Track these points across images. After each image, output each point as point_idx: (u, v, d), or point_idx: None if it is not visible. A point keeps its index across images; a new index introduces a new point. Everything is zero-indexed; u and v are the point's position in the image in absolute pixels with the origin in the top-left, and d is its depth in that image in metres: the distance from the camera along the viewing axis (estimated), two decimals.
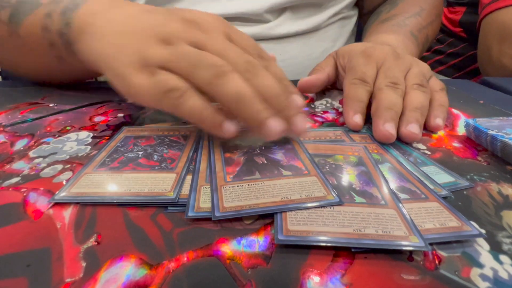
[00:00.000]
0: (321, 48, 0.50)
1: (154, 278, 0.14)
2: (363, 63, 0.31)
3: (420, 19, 0.49)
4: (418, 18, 0.49)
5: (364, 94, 0.29)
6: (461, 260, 0.15)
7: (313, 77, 0.36)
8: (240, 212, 0.17)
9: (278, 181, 0.20)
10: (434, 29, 0.52)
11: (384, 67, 0.31)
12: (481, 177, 0.22)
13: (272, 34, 0.46)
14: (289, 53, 0.48)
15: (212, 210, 0.17)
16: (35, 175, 0.21)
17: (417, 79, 0.30)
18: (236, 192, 0.19)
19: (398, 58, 0.32)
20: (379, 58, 0.31)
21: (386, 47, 0.33)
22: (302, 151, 0.23)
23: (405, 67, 0.31)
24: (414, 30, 0.47)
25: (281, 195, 0.18)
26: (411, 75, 0.30)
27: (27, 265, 0.15)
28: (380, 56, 0.32)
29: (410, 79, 0.30)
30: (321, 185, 0.19)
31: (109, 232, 0.17)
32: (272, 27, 0.46)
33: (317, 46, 0.50)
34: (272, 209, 0.17)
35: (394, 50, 0.33)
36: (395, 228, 0.17)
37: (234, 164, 0.22)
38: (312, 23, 0.48)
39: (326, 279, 0.14)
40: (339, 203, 0.18)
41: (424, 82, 0.30)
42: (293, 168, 0.21)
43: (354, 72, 0.31)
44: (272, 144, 0.24)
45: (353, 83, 0.30)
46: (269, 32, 0.46)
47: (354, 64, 0.32)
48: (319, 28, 0.49)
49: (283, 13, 0.47)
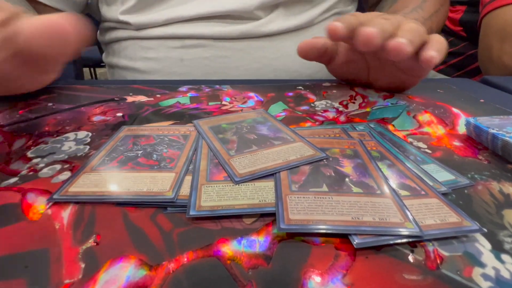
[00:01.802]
0: None
1: (154, 279, 0.14)
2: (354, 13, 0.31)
3: (422, 13, 0.48)
4: (419, 11, 0.48)
5: (352, 19, 0.29)
6: (463, 260, 0.15)
7: (312, 39, 0.36)
8: (306, 227, 0.16)
9: (347, 198, 0.19)
10: (440, 18, 0.51)
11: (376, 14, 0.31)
12: (482, 176, 0.22)
13: (264, 32, 0.46)
14: (282, 50, 0.47)
15: (278, 221, 0.17)
16: (33, 175, 0.21)
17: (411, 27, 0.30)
18: (302, 203, 0.18)
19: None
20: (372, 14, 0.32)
21: None
22: (373, 167, 0.22)
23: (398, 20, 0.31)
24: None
25: (352, 214, 0.17)
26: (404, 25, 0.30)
27: (25, 266, 0.14)
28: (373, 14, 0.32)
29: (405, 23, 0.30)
30: (397, 209, 0.18)
31: (109, 233, 0.16)
32: (264, 24, 0.45)
33: None
34: (342, 229, 0.16)
35: None
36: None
37: (300, 173, 0.21)
38: (304, 18, 0.47)
39: (327, 279, 0.14)
40: (420, 236, 0.16)
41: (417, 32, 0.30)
42: (363, 185, 0.20)
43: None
44: (341, 156, 0.23)
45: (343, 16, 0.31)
46: (260, 29, 0.45)
47: None
48: (313, 24, 0.48)
49: (275, 10, 0.46)
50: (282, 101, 0.35)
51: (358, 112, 0.33)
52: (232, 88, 0.39)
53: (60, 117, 0.30)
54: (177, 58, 0.46)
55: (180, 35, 0.45)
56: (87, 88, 0.38)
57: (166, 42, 0.45)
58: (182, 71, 0.47)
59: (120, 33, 0.48)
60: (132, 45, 0.47)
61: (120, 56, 0.49)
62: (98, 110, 0.32)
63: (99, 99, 0.35)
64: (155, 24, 0.45)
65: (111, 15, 0.47)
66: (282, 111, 0.33)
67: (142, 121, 0.30)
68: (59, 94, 0.36)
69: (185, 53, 0.46)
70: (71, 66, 0.87)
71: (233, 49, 0.46)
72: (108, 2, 0.47)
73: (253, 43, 0.46)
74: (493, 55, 0.57)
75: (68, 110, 0.32)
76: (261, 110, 0.32)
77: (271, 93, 0.38)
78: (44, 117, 0.30)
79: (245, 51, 0.46)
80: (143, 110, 0.32)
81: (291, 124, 0.29)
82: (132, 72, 0.49)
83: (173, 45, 0.45)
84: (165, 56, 0.46)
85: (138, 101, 0.34)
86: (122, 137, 0.26)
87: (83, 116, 0.30)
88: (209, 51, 0.45)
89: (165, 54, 0.46)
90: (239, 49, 0.46)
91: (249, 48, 0.46)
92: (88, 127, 0.28)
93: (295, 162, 0.22)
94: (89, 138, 0.26)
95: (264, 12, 0.46)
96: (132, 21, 0.45)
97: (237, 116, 0.30)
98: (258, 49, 0.46)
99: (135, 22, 0.45)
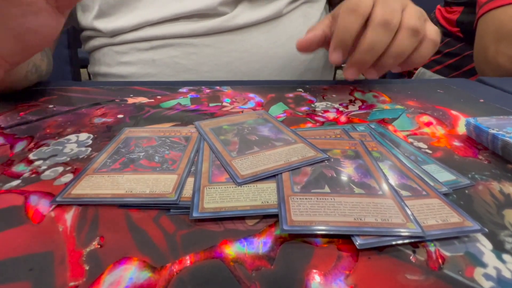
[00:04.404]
0: (287, 35, 0.49)
1: (158, 281, 0.14)
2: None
3: None
4: None
5: (354, 25, 0.30)
6: (465, 260, 0.15)
7: (309, 35, 0.36)
8: (309, 228, 0.16)
9: (350, 199, 0.19)
10: None
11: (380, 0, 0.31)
12: (483, 176, 0.22)
13: (231, 26, 0.46)
14: (251, 43, 0.47)
15: (280, 222, 0.17)
16: (35, 177, 0.21)
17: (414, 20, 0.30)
18: (304, 205, 0.18)
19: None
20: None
21: None
22: (375, 168, 0.22)
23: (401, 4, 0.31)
24: None
25: (354, 215, 0.17)
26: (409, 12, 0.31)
27: (30, 269, 0.14)
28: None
29: (408, 17, 0.30)
30: (399, 210, 0.18)
31: (112, 235, 0.16)
32: (230, 19, 0.45)
33: (281, 33, 0.49)
34: (345, 230, 0.16)
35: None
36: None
37: (301, 174, 0.21)
38: (271, 10, 0.47)
39: (330, 280, 0.14)
40: (422, 236, 0.16)
41: (420, 24, 0.31)
42: (365, 186, 0.20)
43: (349, 2, 0.31)
44: (342, 157, 0.23)
45: (346, 11, 0.31)
46: (227, 24, 0.45)
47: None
48: (281, 14, 0.48)
49: (239, 4, 0.46)
50: (283, 102, 0.35)
51: (358, 113, 0.33)
52: (233, 89, 0.39)
53: (61, 119, 0.30)
54: (149, 59, 0.47)
55: (150, 37, 0.46)
56: (88, 90, 0.38)
57: (137, 45, 0.47)
58: (155, 71, 0.47)
59: (96, 41, 0.49)
60: (108, 51, 0.49)
61: (100, 64, 0.51)
62: (99, 112, 0.32)
63: (99, 101, 0.35)
64: (125, 30, 0.46)
65: (85, 22, 0.48)
66: (282, 112, 0.33)
67: (143, 122, 0.30)
68: (60, 96, 0.36)
69: (156, 54, 0.47)
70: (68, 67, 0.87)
71: (201, 45, 0.46)
72: (83, 9, 0.48)
73: (221, 37, 0.46)
74: (489, 55, 0.57)
75: (69, 112, 0.32)
76: (262, 111, 0.32)
77: (271, 94, 0.38)
78: (45, 119, 0.30)
79: (213, 46, 0.46)
80: (144, 112, 0.32)
81: (291, 125, 0.29)
82: (111, 78, 0.50)
83: (143, 47, 0.47)
84: (137, 59, 0.47)
85: (139, 103, 0.34)
86: (123, 139, 0.26)
87: (84, 118, 0.30)
88: (178, 49, 0.46)
89: (137, 57, 0.47)
90: (207, 44, 0.46)
91: (217, 42, 0.46)
92: (89, 129, 0.28)
93: (297, 163, 0.22)
94: (90, 140, 0.26)
95: (228, 7, 0.46)
96: (103, 27, 0.46)
97: (238, 118, 0.30)
98: (227, 43, 0.46)
99: (106, 29, 0.46)
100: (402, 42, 0.30)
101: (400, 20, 0.30)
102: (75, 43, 0.90)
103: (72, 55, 0.88)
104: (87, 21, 0.47)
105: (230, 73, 0.48)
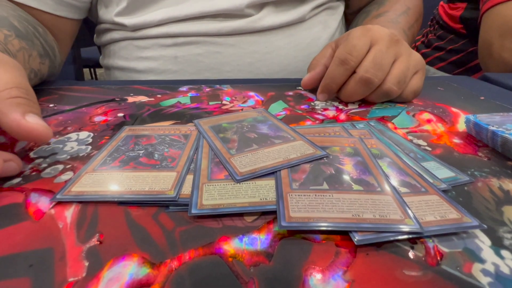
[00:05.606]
0: (308, 39, 0.50)
1: (157, 277, 0.14)
2: (358, 36, 0.32)
3: (408, 18, 0.49)
4: (406, 16, 0.49)
5: (342, 77, 0.33)
6: (463, 256, 0.15)
7: (312, 73, 0.37)
8: (307, 224, 0.16)
9: (348, 196, 0.19)
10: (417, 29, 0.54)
11: (375, 48, 0.32)
12: (482, 173, 0.22)
13: (256, 27, 0.46)
14: (274, 45, 0.48)
15: (279, 219, 0.17)
16: (36, 175, 0.21)
17: (396, 79, 0.32)
18: (302, 201, 0.18)
19: (392, 42, 0.32)
20: (376, 36, 0.32)
21: (386, 29, 0.33)
22: (374, 165, 0.22)
23: (395, 55, 0.33)
24: (406, 28, 0.47)
25: (352, 211, 0.17)
26: (394, 70, 0.32)
27: (30, 265, 0.15)
28: (377, 34, 0.33)
29: (392, 75, 0.32)
30: (397, 206, 0.18)
31: (111, 231, 0.17)
32: (256, 21, 0.46)
33: (303, 37, 0.50)
34: (343, 226, 0.16)
35: (393, 33, 0.33)
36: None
37: (300, 171, 0.21)
38: (295, 15, 0.48)
39: (328, 276, 0.14)
40: (420, 232, 0.16)
41: (401, 84, 0.33)
42: (364, 182, 0.20)
43: (346, 44, 0.32)
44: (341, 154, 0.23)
45: (336, 62, 0.33)
46: (253, 25, 0.46)
47: (350, 36, 0.33)
48: (304, 19, 0.49)
49: (264, 7, 0.47)
50: (282, 100, 0.35)
51: (358, 111, 0.33)
52: (232, 87, 0.40)
53: (62, 117, 0.30)
54: (171, 56, 0.47)
55: (174, 34, 0.46)
56: (88, 89, 0.38)
57: (160, 41, 0.46)
58: (177, 68, 0.47)
59: (115, 34, 0.49)
60: (128, 45, 0.48)
61: (116, 57, 0.50)
62: (99, 111, 0.32)
63: (100, 100, 0.35)
64: (149, 25, 0.46)
65: (107, 17, 0.48)
66: (282, 110, 0.33)
67: (143, 121, 0.30)
68: (60, 95, 0.36)
69: (179, 51, 0.47)
70: (71, 67, 0.87)
71: (225, 44, 0.46)
72: (106, 4, 0.47)
73: (245, 38, 0.47)
74: (494, 51, 0.57)
75: (69, 110, 0.32)
76: (261, 109, 0.32)
77: (271, 92, 0.38)
78: (45, 118, 0.30)
79: (237, 46, 0.47)
80: (144, 110, 0.32)
81: (291, 123, 0.29)
82: (128, 72, 0.50)
83: (166, 43, 0.46)
84: (159, 55, 0.47)
85: (139, 101, 0.34)
86: (123, 137, 0.26)
87: (85, 116, 0.30)
88: (202, 48, 0.46)
89: (159, 52, 0.47)
90: (231, 44, 0.46)
91: (241, 43, 0.47)
92: (89, 127, 0.28)
93: (296, 160, 0.22)
94: (90, 139, 0.26)
95: (255, 10, 0.46)
96: (127, 22, 0.46)
97: (237, 115, 0.30)
98: (250, 44, 0.47)
99: (130, 24, 0.46)
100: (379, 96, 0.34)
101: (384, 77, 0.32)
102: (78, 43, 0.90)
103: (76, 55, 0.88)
104: (110, 15, 0.47)
105: (251, 73, 0.48)
